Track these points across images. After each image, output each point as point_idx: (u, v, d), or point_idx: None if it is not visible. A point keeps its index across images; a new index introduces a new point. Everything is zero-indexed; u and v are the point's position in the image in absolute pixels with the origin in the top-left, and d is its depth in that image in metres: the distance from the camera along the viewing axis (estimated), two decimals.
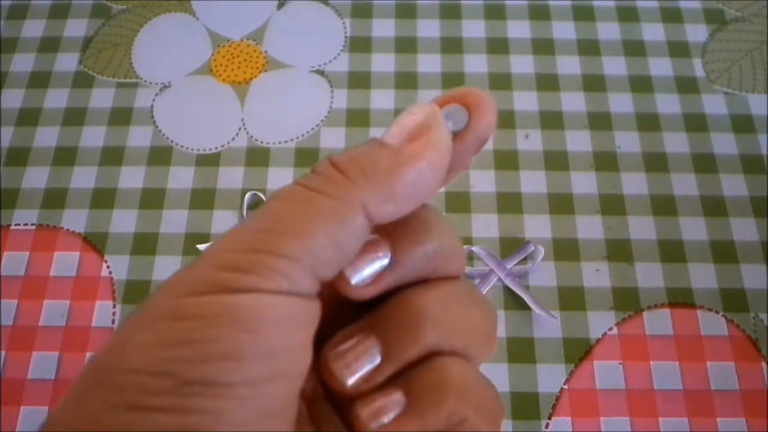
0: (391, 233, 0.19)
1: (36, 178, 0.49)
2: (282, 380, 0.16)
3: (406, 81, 0.52)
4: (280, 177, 0.48)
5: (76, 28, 0.55)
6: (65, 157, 0.49)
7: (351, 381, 0.18)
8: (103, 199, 0.48)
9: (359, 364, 0.18)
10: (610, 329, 0.43)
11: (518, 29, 0.55)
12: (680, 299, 0.44)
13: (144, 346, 0.15)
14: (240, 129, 0.51)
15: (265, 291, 0.16)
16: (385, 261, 0.18)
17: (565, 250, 0.46)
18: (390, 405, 0.17)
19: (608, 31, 0.55)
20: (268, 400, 0.16)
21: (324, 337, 0.18)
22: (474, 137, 0.19)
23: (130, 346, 0.16)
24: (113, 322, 0.44)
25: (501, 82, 0.52)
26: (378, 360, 0.18)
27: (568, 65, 0.53)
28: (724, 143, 0.50)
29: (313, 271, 0.16)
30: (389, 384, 0.18)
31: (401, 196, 0.17)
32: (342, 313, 0.19)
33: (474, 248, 0.45)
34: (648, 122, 0.51)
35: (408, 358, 0.18)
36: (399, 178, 0.17)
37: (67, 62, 0.53)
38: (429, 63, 0.53)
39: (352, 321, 0.19)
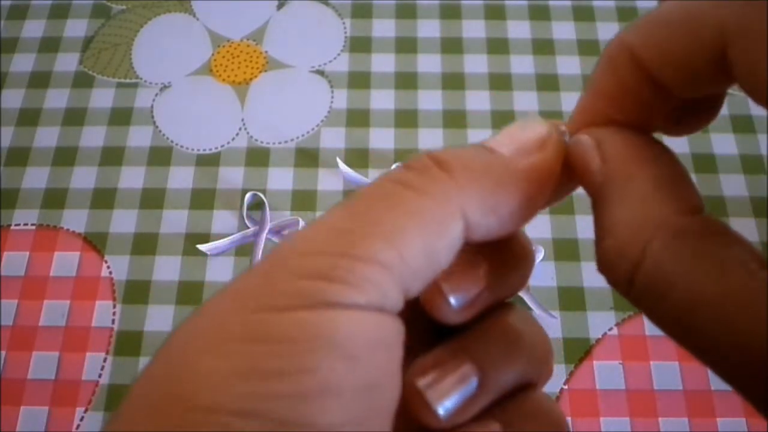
0: (488, 258, 0.17)
1: (36, 178, 0.49)
2: (380, 416, 0.14)
3: (406, 81, 0.52)
4: (280, 177, 0.48)
5: (76, 28, 0.55)
6: (65, 157, 0.49)
7: (445, 411, 0.15)
8: (103, 199, 0.48)
9: (456, 392, 0.15)
10: (610, 329, 0.43)
11: (518, 29, 0.55)
12: None
13: (219, 376, 0.12)
14: (240, 129, 0.51)
15: (359, 307, 0.13)
16: (484, 283, 0.16)
17: (565, 250, 0.46)
18: None
19: (608, 31, 0.55)
20: None
21: None
22: None
23: (200, 375, 0.13)
24: (113, 322, 0.44)
25: (501, 82, 0.52)
26: (475, 387, 0.16)
27: (568, 65, 0.53)
28: (724, 143, 0.50)
29: (402, 283, 0.14)
30: (484, 415, 0.16)
31: (506, 213, 0.15)
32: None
33: None
34: None
35: (505, 386, 0.16)
36: (512, 193, 0.15)
37: (67, 62, 0.53)
38: (429, 63, 0.53)
39: (418, 345, 0.17)
